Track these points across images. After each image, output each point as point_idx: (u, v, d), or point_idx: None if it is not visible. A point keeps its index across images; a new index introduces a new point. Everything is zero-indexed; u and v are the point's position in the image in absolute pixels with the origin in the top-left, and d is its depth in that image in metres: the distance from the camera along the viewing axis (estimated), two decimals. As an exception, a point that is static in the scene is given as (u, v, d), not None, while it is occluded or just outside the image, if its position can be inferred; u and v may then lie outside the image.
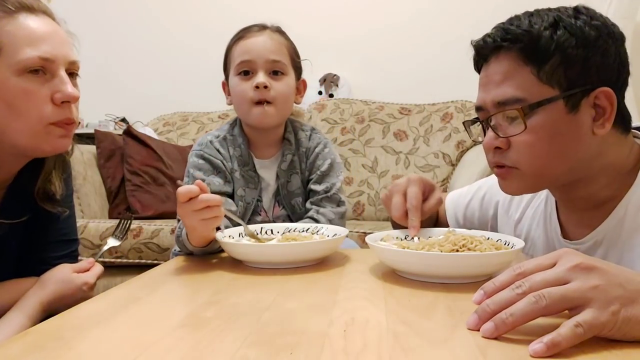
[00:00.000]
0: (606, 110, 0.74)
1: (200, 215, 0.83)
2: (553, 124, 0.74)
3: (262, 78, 1.07)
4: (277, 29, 1.15)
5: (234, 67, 1.10)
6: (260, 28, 1.13)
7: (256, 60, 1.08)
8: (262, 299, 0.66)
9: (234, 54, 1.12)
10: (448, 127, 2.29)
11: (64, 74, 0.80)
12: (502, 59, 0.77)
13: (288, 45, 1.14)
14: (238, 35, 1.13)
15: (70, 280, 0.88)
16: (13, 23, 0.77)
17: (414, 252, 0.75)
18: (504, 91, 0.76)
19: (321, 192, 1.14)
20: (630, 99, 2.51)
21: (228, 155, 1.13)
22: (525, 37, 0.74)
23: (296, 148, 1.17)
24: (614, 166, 0.78)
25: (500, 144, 0.77)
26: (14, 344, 0.52)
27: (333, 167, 1.17)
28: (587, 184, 0.78)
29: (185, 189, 0.81)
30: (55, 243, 0.95)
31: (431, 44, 2.67)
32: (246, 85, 1.08)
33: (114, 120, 2.75)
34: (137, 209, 2.08)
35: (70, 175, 0.98)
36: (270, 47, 1.10)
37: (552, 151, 0.75)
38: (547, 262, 0.52)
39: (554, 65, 0.73)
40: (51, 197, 0.90)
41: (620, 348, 0.47)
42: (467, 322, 0.53)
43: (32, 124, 0.78)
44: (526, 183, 0.80)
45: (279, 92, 1.09)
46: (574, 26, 0.73)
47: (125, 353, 0.49)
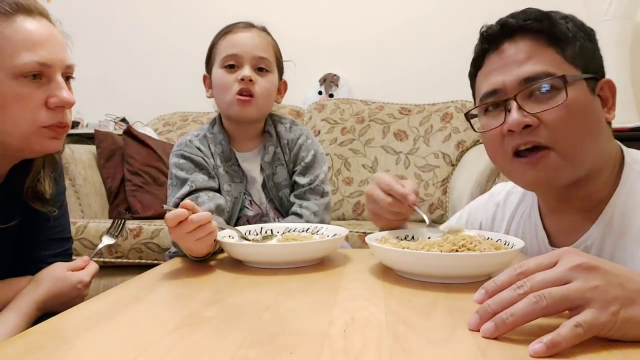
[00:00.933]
0: (608, 101, 0.79)
1: (193, 237, 0.81)
2: (584, 102, 0.76)
3: (248, 71, 1.09)
4: (263, 28, 1.17)
5: (220, 59, 1.12)
6: (247, 25, 1.15)
7: (243, 54, 1.10)
8: (262, 299, 0.66)
9: (219, 48, 1.13)
10: (448, 127, 2.29)
11: (60, 79, 0.80)
12: (519, 42, 0.78)
13: (274, 44, 1.17)
14: (225, 30, 1.15)
15: (65, 279, 0.88)
16: (11, 26, 0.76)
17: (414, 252, 0.75)
18: (532, 68, 0.76)
19: (305, 185, 1.15)
20: (630, 99, 2.49)
21: (209, 152, 1.15)
22: (548, 19, 0.77)
23: (277, 140, 1.18)
24: (611, 161, 0.80)
25: (531, 121, 0.75)
26: (14, 344, 0.52)
27: (316, 157, 1.18)
28: (591, 180, 0.79)
29: (172, 214, 0.78)
30: (49, 241, 0.95)
31: (431, 44, 2.67)
32: (231, 77, 1.10)
33: (114, 120, 2.75)
34: (138, 209, 2.09)
35: (62, 173, 0.98)
36: (258, 44, 1.12)
37: (585, 129, 0.76)
38: (548, 262, 0.52)
39: (575, 50, 0.76)
40: (41, 196, 0.90)
41: (620, 348, 0.47)
42: (468, 323, 0.53)
43: (24, 127, 0.78)
44: (557, 168, 0.76)
45: (262, 88, 1.11)
46: (578, 23, 0.79)
47: (125, 353, 0.49)
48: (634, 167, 0.79)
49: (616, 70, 2.18)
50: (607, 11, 2.19)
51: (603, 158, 0.79)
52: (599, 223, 0.78)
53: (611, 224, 0.77)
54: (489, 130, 0.80)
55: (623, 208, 0.76)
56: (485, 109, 0.82)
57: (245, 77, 1.08)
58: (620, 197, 0.77)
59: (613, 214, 0.77)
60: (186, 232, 0.79)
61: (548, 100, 0.74)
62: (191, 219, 0.79)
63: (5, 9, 0.76)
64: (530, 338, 0.49)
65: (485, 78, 0.81)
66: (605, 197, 0.79)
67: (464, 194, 1.83)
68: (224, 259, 0.92)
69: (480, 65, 0.84)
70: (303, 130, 1.21)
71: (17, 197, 0.88)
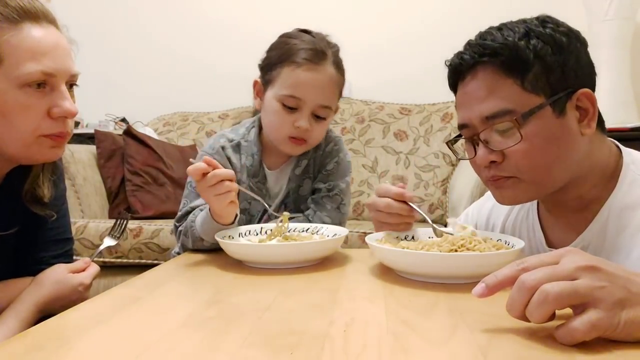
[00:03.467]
0: (589, 111, 0.77)
1: (214, 191, 0.87)
2: (546, 130, 0.75)
3: (305, 123, 1.02)
4: (336, 60, 1.06)
5: (280, 93, 1.03)
6: (321, 56, 1.02)
7: (306, 100, 1.02)
8: (262, 299, 0.66)
9: (282, 76, 1.03)
10: (448, 127, 2.29)
11: (64, 88, 0.79)
12: (480, 75, 0.78)
13: (341, 82, 1.07)
14: (294, 57, 1.02)
15: (66, 281, 0.87)
16: (17, 34, 0.74)
17: (414, 252, 0.75)
18: (491, 105, 0.76)
19: (323, 190, 1.11)
20: (630, 99, 2.49)
21: (239, 164, 1.10)
22: (504, 49, 0.75)
23: (313, 151, 1.13)
24: (599, 165, 0.80)
25: (496, 157, 0.77)
26: (14, 344, 0.52)
27: (340, 165, 1.13)
28: (578, 184, 0.80)
29: (193, 167, 0.86)
30: (50, 242, 0.94)
31: (431, 44, 2.67)
32: (287, 118, 1.03)
33: (114, 120, 2.75)
34: (138, 209, 2.09)
35: (62, 176, 0.97)
36: (325, 91, 1.03)
37: (549, 156, 0.76)
38: (550, 259, 0.52)
39: (536, 73, 0.75)
40: (39, 200, 0.89)
41: (620, 348, 0.47)
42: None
43: (24, 135, 0.77)
44: (525, 191, 0.79)
45: (317, 134, 1.06)
46: (545, 34, 0.75)
47: (125, 353, 0.49)
48: (631, 167, 0.79)
49: (616, 70, 2.18)
50: (607, 11, 2.19)
51: (584, 167, 0.78)
52: (596, 223, 0.79)
53: (607, 224, 0.77)
54: (468, 158, 0.84)
55: (619, 208, 0.77)
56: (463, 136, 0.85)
57: (302, 127, 1.02)
58: (617, 198, 0.78)
59: (609, 215, 0.77)
60: (208, 185, 0.86)
61: (509, 137, 0.75)
62: (214, 173, 0.86)
63: (12, 15, 0.74)
64: (531, 340, 0.49)
65: (458, 109, 0.83)
66: (599, 197, 0.79)
67: (464, 194, 1.83)
68: (224, 259, 0.92)
69: (455, 92, 0.85)
70: (333, 137, 1.16)
71: (17, 200, 0.88)
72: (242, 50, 2.83)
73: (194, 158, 0.97)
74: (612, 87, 2.14)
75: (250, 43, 2.85)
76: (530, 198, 0.83)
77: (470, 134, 0.80)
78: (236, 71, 2.64)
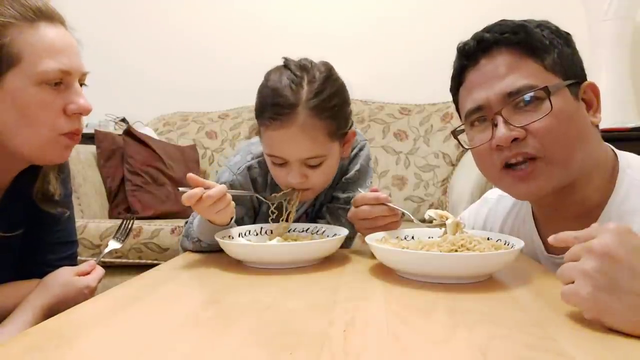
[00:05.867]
0: (592, 103, 0.79)
1: (214, 209, 0.88)
2: (569, 108, 0.76)
3: (296, 178, 0.94)
4: (312, 101, 0.89)
5: (265, 150, 0.97)
6: (288, 109, 0.88)
7: (289, 158, 0.93)
8: (262, 299, 0.66)
9: (262, 133, 0.95)
10: (448, 127, 2.28)
11: (78, 86, 0.81)
12: (497, 56, 0.79)
13: (325, 126, 0.91)
14: (262, 116, 0.93)
15: (72, 284, 0.87)
16: (34, 33, 0.76)
17: (414, 252, 0.75)
18: (514, 81, 0.76)
19: (341, 201, 1.07)
20: (630, 99, 2.48)
21: (265, 183, 1.05)
22: (522, 31, 0.77)
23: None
24: (601, 165, 0.80)
25: (518, 133, 0.76)
26: (14, 344, 0.52)
27: (360, 172, 1.08)
28: (582, 185, 0.79)
29: (187, 195, 0.85)
30: (55, 245, 0.95)
31: (432, 44, 2.67)
32: (281, 173, 0.96)
33: (114, 120, 2.75)
34: (138, 209, 2.09)
35: (68, 175, 0.98)
36: (300, 145, 0.91)
37: (573, 135, 0.76)
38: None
39: (554, 58, 0.77)
40: (50, 197, 0.90)
41: (620, 348, 0.48)
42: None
43: (43, 133, 0.79)
44: (550, 177, 0.77)
45: (318, 178, 0.96)
46: (553, 29, 0.79)
47: (125, 353, 0.49)
48: (627, 171, 0.79)
49: (616, 70, 2.18)
50: (607, 11, 2.19)
51: (592, 162, 0.79)
52: None
53: None
54: (478, 146, 0.82)
55: (618, 214, 0.76)
56: (472, 123, 0.84)
57: (295, 184, 0.95)
58: (615, 203, 0.77)
59: (609, 220, 0.77)
60: (206, 206, 0.86)
61: (533, 112, 0.75)
62: (207, 195, 0.85)
63: (29, 15, 0.77)
64: (530, 339, 0.49)
65: (469, 94, 0.82)
66: (599, 202, 0.79)
67: (464, 194, 1.83)
68: (224, 259, 0.92)
69: (461, 81, 0.85)
70: (359, 142, 1.09)
71: (23, 202, 0.88)
72: (242, 50, 2.84)
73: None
74: (612, 87, 2.14)
75: (250, 42, 2.86)
76: (555, 186, 0.78)
77: (487, 115, 0.79)
78: (236, 71, 2.65)
